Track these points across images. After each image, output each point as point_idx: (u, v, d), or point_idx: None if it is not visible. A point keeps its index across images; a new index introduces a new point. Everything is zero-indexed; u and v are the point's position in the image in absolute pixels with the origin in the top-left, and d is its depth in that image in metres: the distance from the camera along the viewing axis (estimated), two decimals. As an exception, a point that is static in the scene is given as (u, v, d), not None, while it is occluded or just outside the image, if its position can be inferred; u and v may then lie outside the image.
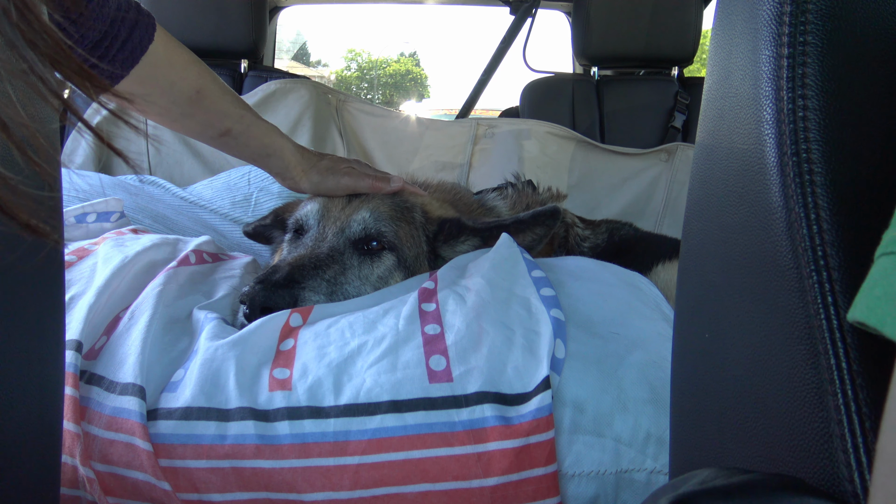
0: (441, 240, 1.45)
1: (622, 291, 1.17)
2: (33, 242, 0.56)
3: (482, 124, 2.62)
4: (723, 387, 0.58)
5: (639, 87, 3.10)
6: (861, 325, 0.39)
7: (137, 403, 0.91)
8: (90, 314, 1.03)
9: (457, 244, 1.45)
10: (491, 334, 0.99)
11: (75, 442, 0.89)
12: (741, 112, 0.56)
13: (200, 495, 0.88)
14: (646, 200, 2.57)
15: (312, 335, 1.03)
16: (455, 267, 1.24)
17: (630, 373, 0.96)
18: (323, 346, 0.99)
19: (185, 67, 1.26)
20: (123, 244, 1.29)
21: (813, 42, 0.50)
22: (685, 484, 0.46)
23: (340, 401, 0.91)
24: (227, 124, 1.33)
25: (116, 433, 0.90)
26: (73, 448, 0.89)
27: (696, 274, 0.65)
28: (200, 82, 1.27)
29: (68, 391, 0.92)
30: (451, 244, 1.45)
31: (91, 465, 0.89)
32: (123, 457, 0.89)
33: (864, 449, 0.42)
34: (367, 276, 1.31)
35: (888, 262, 0.37)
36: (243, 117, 1.35)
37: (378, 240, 1.34)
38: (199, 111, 1.29)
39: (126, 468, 0.89)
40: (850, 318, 0.40)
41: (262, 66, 3.09)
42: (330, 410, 0.90)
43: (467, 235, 1.44)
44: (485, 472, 0.87)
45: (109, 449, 0.90)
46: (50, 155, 0.51)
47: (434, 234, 1.46)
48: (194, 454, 0.88)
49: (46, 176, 0.54)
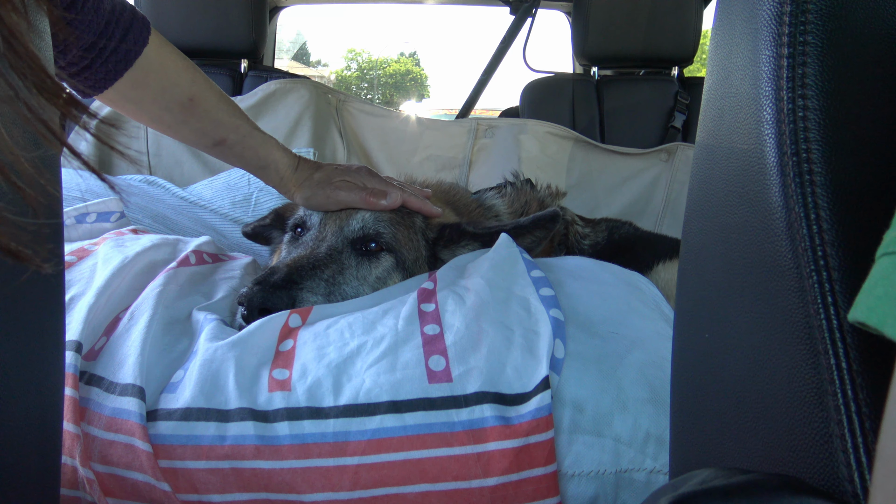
0: (441, 244, 1.45)
1: (621, 291, 1.17)
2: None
3: (482, 124, 2.61)
4: (722, 387, 0.58)
5: (639, 86, 3.10)
6: (862, 326, 0.39)
7: (137, 404, 0.91)
8: (90, 315, 1.03)
9: (457, 248, 1.45)
10: (490, 334, 0.99)
11: (75, 443, 0.89)
12: (741, 112, 0.56)
13: (200, 496, 0.87)
14: (646, 200, 2.57)
15: (312, 336, 1.03)
16: (454, 267, 1.24)
17: (629, 372, 0.96)
18: (322, 347, 0.99)
19: (179, 73, 1.24)
20: (123, 244, 1.29)
21: (813, 42, 0.50)
22: (685, 484, 0.46)
23: (340, 401, 0.91)
24: (221, 134, 1.32)
25: (116, 434, 0.90)
26: (72, 449, 0.89)
27: (696, 274, 0.65)
28: (194, 89, 1.26)
29: (68, 392, 0.92)
30: (451, 249, 1.45)
31: (91, 466, 0.89)
32: (123, 458, 0.89)
33: (864, 449, 0.42)
34: (364, 277, 1.31)
35: (889, 262, 0.37)
36: (239, 128, 1.33)
37: (376, 241, 1.34)
38: (193, 119, 1.28)
39: (126, 469, 0.89)
40: (850, 319, 0.39)
41: (262, 66, 3.08)
42: (329, 411, 0.90)
43: (467, 240, 1.44)
44: (484, 473, 0.87)
45: (109, 450, 0.90)
46: (35, 180, 0.51)
47: (434, 239, 1.45)
48: (194, 455, 0.88)
49: (32, 201, 0.54)
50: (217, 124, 1.31)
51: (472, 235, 1.43)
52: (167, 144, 2.39)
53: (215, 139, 1.32)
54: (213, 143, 1.33)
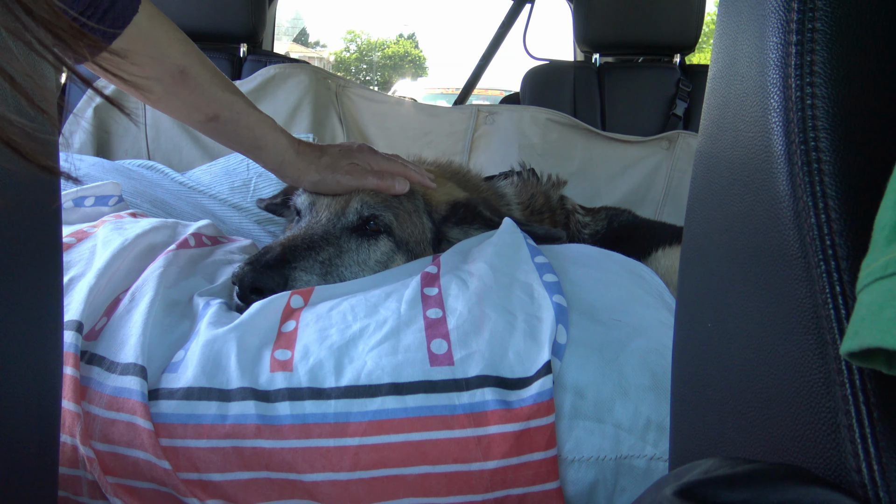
0: (453, 223, 1.43)
1: (625, 279, 1.17)
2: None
3: (482, 110, 2.60)
4: (725, 376, 0.58)
5: (640, 74, 3.09)
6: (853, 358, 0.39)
7: (139, 383, 0.91)
8: (90, 296, 1.03)
9: (469, 230, 1.43)
10: (493, 319, 0.99)
11: (76, 421, 0.90)
12: (747, 100, 0.55)
13: (200, 475, 0.88)
14: (646, 188, 2.57)
15: (314, 317, 1.03)
16: (458, 251, 1.24)
17: (631, 359, 0.97)
18: (325, 329, 1.00)
19: (170, 44, 1.21)
20: (122, 227, 1.28)
21: (821, 29, 0.49)
22: (689, 473, 0.46)
23: (341, 382, 0.92)
24: (214, 109, 1.28)
25: (118, 413, 0.90)
26: (73, 427, 0.90)
27: (699, 262, 0.65)
28: (185, 61, 1.22)
29: (69, 371, 0.92)
30: (463, 228, 1.44)
31: (91, 445, 0.89)
32: (124, 436, 0.89)
33: (871, 439, 0.42)
34: (364, 261, 1.31)
35: (890, 283, 0.37)
36: (234, 104, 1.29)
37: (375, 222, 1.33)
38: (184, 91, 1.24)
39: (126, 447, 0.89)
40: (845, 351, 0.39)
41: (261, 50, 3.06)
42: (331, 392, 0.91)
43: (481, 224, 1.42)
44: (484, 456, 0.87)
45: (110, 428, 0.90)
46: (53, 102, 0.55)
47: (443, 218, 1.44)
48: (195, 434, 0.89)
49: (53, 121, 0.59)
50: (210, 99, 1.27)
51: (487, 221, 1.41)
52: (166, 129, 2.37)
53: (208, 114, 1.29)
54: (206, 119, 1.29)
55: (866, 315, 0.38)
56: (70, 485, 0.91)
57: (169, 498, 0.89)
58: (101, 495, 0.90)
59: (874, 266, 0.38)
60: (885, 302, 0.36)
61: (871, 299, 0.38)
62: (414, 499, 0.88)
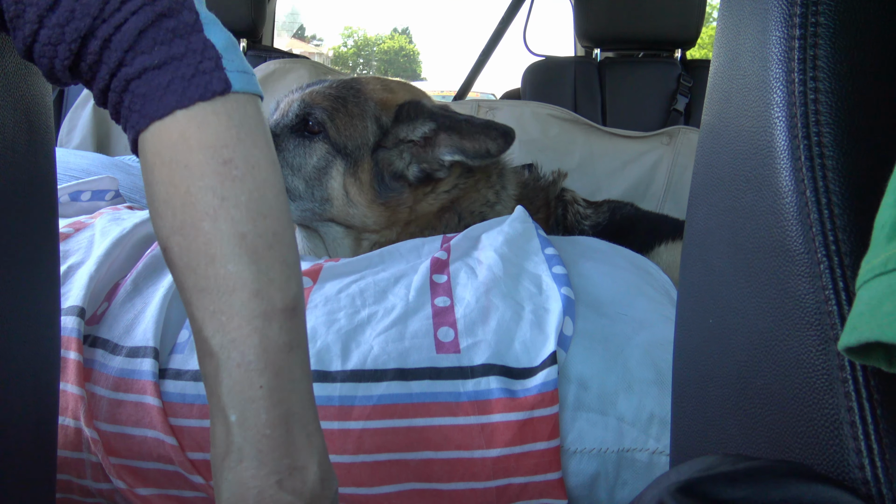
0: (401, 122, 1.37)
1: (632, 274, 1.18)
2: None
3: (482, 105, 2.59)
4: (726, 372, 0.58)
5: (641, 69, 3.08)
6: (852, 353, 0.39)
7: (151, 363, 0.92)
8: (91, 283, 1.04)
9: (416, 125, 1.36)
10: (500, 309, 1.00)
11: (79, 404, 0.90)
12: (749, 95, 0.55)
13: (205, 454, 0.89)
14: (647, 184, 2.56)
15: (323, 299, 1.03)
16: (468, 237, 1.23)
17: (636, 353, 0.97)
18: (333, 312, 1.00)
19: None
20: (120, 218, 1.29)
21: (825, 23, 0.49)
22: (690, 470, 0.46)
23: (347, 366, 0.92)
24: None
25: (126, 394, 0.91)
26: (76, 410, 0.90)
27: (701, 258, 0.64)
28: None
29: (72, 355, 0.93)
30: (409, 124, 1.37)
31: (95, 426, 0.90)
32: (132, 415, 0.90)
33: (875, 436, 0.42)
34: (301, 165, 1.30)
35: (889, 279, 0.37)
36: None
37: (311, 120, 1.31)
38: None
39: (134, 426, 0.90)
40: (849, 344, 0.39)
41: (261, 45, 3.06)
42: (336, 375, 0.91)
43: (426, 117, 1.36)
44: (488, 443, 0.88)
45: (117, 409, 0.91)
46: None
47: (392, 121, 1.37)
48: (200, 414, 0.90)
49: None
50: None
51: (430, 112, 1.36)
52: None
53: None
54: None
55: (865, 310, 0.38)
56: (73, 467, 0.92)
57: (173, 477, 0.89)
58: (104, 478, 0.91)
59: (874, 262, 0.38)
60: (884, 297, 0.36)
61: (870, 295, 0.38)
62: (416, 484, 0.88)
